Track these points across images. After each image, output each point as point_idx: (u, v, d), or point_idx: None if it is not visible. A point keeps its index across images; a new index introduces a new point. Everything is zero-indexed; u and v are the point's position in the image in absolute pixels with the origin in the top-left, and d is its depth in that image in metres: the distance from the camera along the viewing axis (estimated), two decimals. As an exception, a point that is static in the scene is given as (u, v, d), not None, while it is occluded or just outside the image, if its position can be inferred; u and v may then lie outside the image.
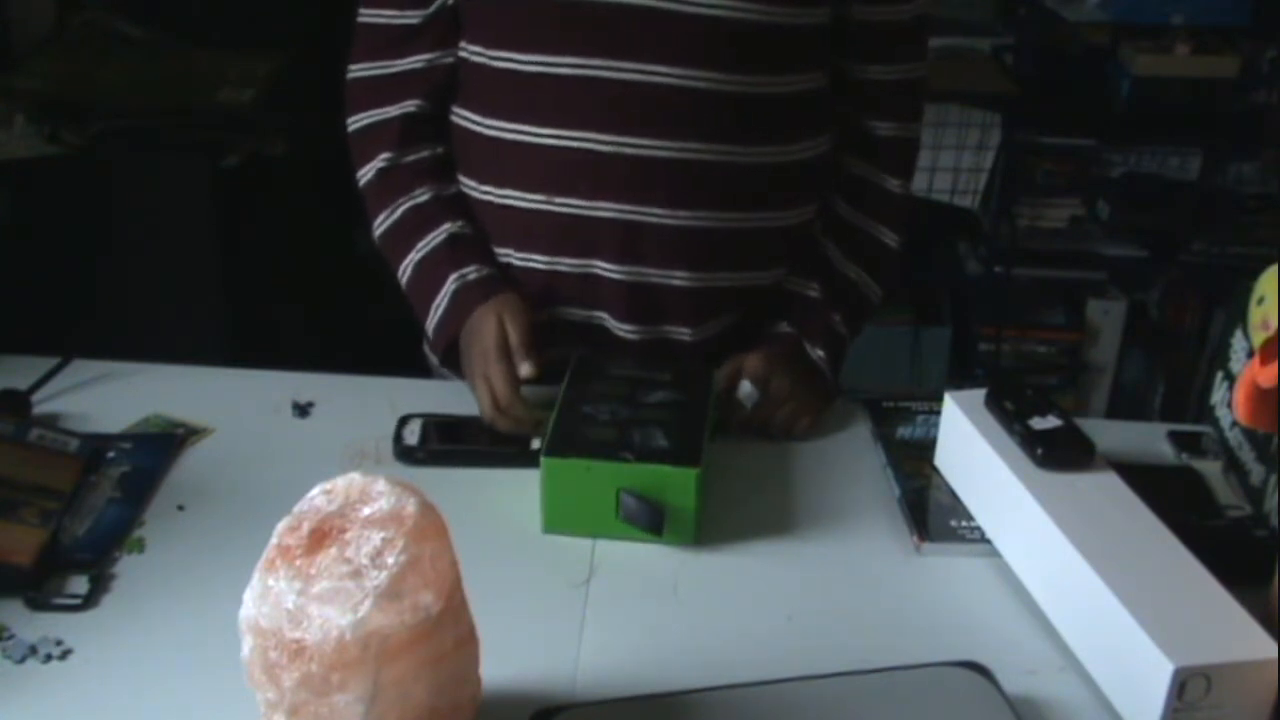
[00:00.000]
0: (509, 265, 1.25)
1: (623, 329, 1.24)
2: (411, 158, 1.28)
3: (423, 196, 1.27)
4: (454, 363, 1.24)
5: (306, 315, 2.62)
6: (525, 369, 1.14)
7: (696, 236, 1.20)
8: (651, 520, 1.02)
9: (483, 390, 1.16)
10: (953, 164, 2.81)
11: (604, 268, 1.22)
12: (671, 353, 1.27)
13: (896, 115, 1.29)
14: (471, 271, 1.23)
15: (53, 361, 1.25)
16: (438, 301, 1.23)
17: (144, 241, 2.11)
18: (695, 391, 1.14)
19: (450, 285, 1.22)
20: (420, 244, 1.25)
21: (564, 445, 1.05)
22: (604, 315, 1.25)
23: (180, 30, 2.39)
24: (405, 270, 1.27)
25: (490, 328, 1.17)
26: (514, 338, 1.16)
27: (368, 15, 1.26)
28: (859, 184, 1.30)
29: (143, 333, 1.55)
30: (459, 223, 1.26)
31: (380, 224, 1.29)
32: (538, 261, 1.23)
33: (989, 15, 2.85)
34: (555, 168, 1.19)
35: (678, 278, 1.22)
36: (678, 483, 1.02)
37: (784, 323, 1.27)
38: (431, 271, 1.24)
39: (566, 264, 1.22)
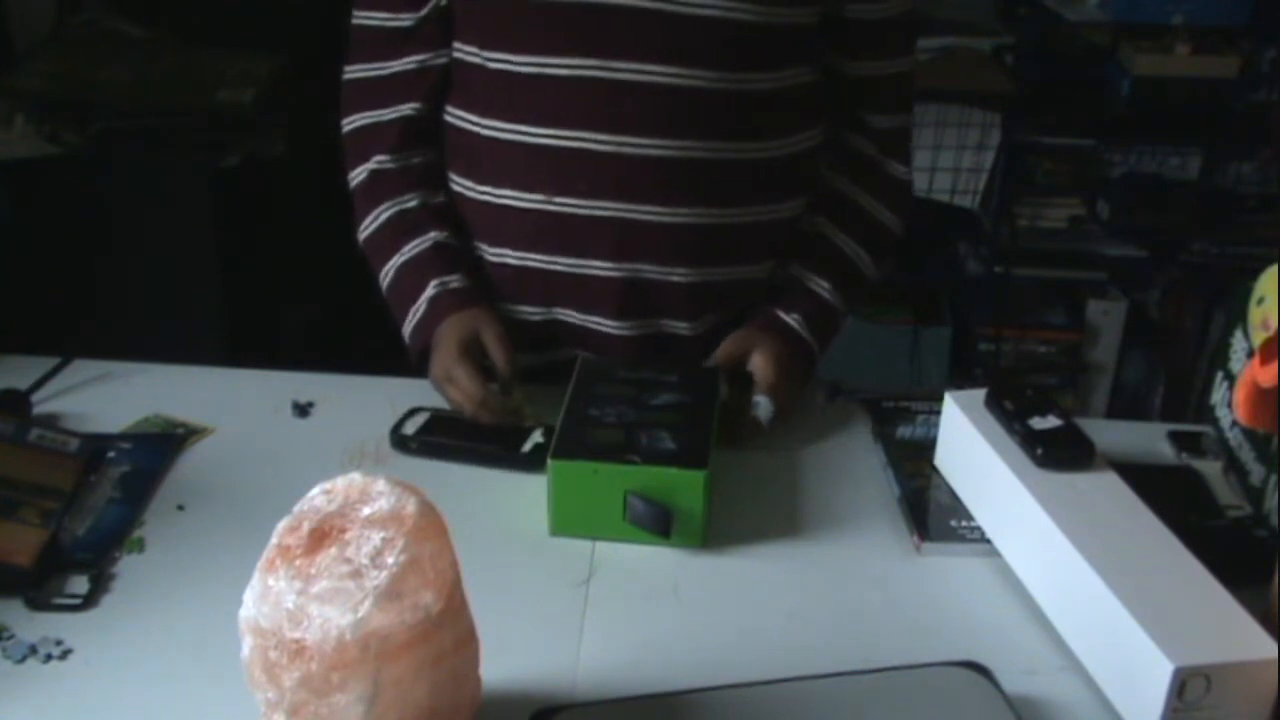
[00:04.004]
0: (505, 265, 1.26)
1: (618, 327, 1.25)
2: (404, 162, 1.28)
3: (411, 202, 1.28)
4: (427, 368, 1.25)
5: (306, 315, 2.62)
6: (517, 395, 1.18)
7: (694, 233, 1.21)
8: (659, 522, 1.02)
9: (451, 390, 1.18)
10: (953, 164, 2.81)
11: (601, 266, 1.22)
12: (669, 348, 1.27)
13: (892, 108, 1.30)
14: (454, 280, 1.24)
15: (53, 361, 1.25)
16: (416, 306, 1.24)
17: (144, 241, 2.11)
18: (702, 394, 1.14)
19: (430, 291, 1.23)
20: (405, 248, 1.26)
21: (571, 448, 1.05)
22: (600, 315, 1.25)
23: (180, 30, 2.39)
24: (388, 273, 1.28)
25: (458, 331, 1.19)
26: (504, 370, 1.18)
27: (361, 17, 1.27)
28: (865, 163, 1.31)
29: (143, 333, 1.55)
30: (445, 232, 1.27)
31: (366, 226, 1.29)
32: (535, 261, 1.24)
33: (989, 15, 2.85)
34: (553, 168, 1.19)
35: (676, 274, 1.22)
36: (685, 485, 1.02)
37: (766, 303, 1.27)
38: (414, 275, 1.25)
39: (564, 263, 1.23)
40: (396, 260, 1.26)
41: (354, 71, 1.30)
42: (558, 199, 1.20)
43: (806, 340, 1.24)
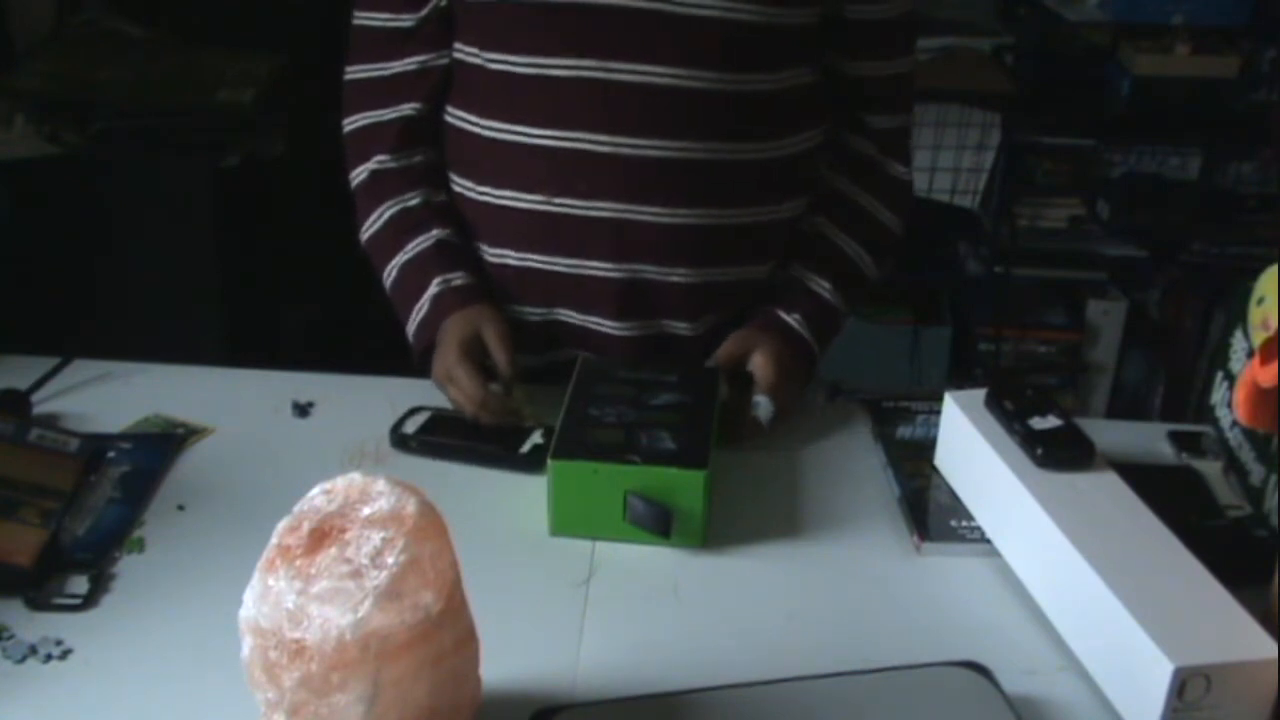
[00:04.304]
0: (505, 266, 1.26)
1: (620, 327, 1.25)
2: (405, 161, 1.28)
3: (413, 201, 1.28)
4: (429, 367, 1.25)
5: (306, 315, 2.62)
6: (518, 394, 1.18)
7: (694, 234, 1.21)
8: (659, 522, 1.02)
9: (452, 390, 1.18)
10: (953, 164, 2.81)
11: (601, 267, 1.22)
12: (669, 348, 1.27)
13: (893, 108, 1.30)
14: (456, 278, 1.24)
15: (53, 361, 1.25)
16: (419, 304, 1.24)
17: (144, 241, 2.11)
18: (701, 394, 1.14)
19: (433, 289, 1.23)
20: (409, 246, 1.26)
21: (571, 448, 1.05)
22: (601, 315, 1.25)
23: (180, 30, 2.39)
24: (391, 272, 1.28)
25: (459, 330, 1.19)
26: (504, 370, 1.18)
27: (362, 18, 1.27)
28: (866, 163, 1.31)
29: (143, 333, 1.55)
30: (447, 230, 1.27)
31: (370, 225, 1.29)
32: (535, 261, 1.24)
33: (989, 15, 2.85)
34: (553, 168, 1.19)
35: (676, 275, 1.22)
36: (685, 485, 1.02)
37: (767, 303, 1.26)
38: (417, 274, 1.25)
39: (564, 264, 1.23)
40: (400, 258, 1.26)
41: (355, 72, 1.30)
42: (557, 199, 1.20)
43: (807, 340, 1.24)
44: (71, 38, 2.32)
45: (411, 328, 1.25)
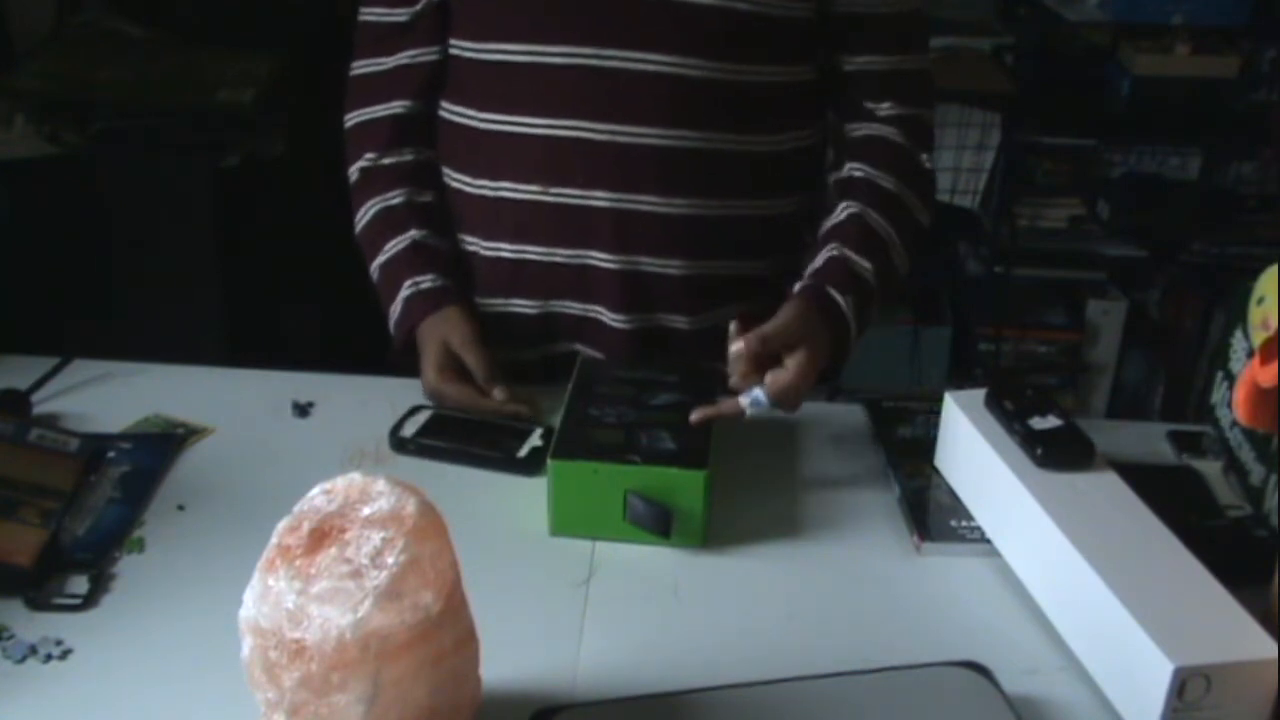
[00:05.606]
0: (500, 259, 1.26)
1: (618, 319, 1.25)
2: (392, 160, 1.30)
3: (395, 200, 1.29)
4: (412, 363, 1.26)
5: (306, 315, 2.62)
6: (499, 394, 1.19)
7: (690, 225, 1.21)
8: (659, 522, 1.02)
9: (445, 403, 1.20)
10: (953, 164, 2.81)
11: (599, 258, 1.22)
12: (667, 343, 1.27)
13: (900, 100, 1.26)
14: (426, 280, 1.25)
15: (53, 361, 1.25)
16: (394, 306, 1.26)
17: (144, 241, 2.11)
18: (701, 393, 1.14)
19: (404, 292, 1.25)
20: (387, 247, 1.28)
21: (571, 448, 1.05)
22: (600, 307, 1.25)
23: (180, 30, 2.39)
24: (374, 272, 1.30)
25: (429, 347, 1.21)
26: (478, 372, 1.19)
27: (364, 13, 1.29)
28: (896, 151, 1.25)
29: (143, 333, 1.55)
30: (424, 230, 1.28)
31: (357, 222, 1.31)
32: (533, 254, 1.24)
33: (989, 15, 2.85)
34: (550, 158, 1.19)
35: (673, 266, 1.23)
36: (685, 485, 1.02)
37: (807, 275, 1.18)
38: (392, 277, 1.27)
39: (562, 255, 1.23)
40: (380, 259, 1.28)
41: (357, 67, 1.31)
42: (553, 189, 1.20)
43: (848, 320, 1.17)
44: (71, 38, 2.32)
45: (390, 326, 1.28)
